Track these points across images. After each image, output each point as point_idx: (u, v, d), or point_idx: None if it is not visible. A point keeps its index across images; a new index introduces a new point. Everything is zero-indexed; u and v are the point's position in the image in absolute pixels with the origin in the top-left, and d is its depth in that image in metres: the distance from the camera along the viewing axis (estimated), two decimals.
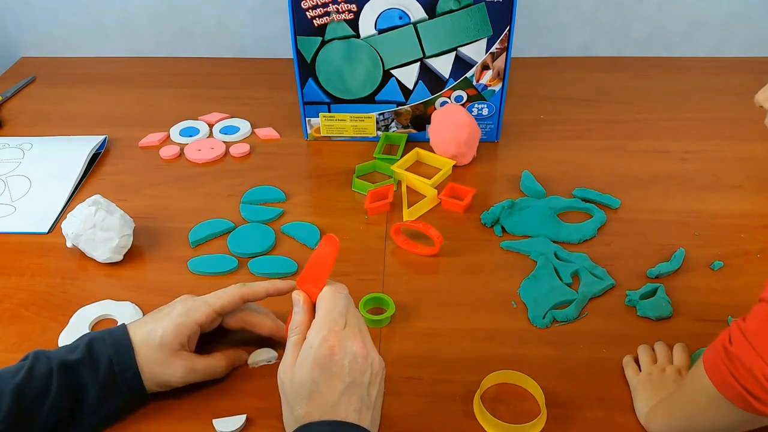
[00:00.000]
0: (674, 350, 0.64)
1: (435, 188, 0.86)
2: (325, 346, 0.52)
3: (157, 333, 0.59)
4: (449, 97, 0.93)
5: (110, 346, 0.58)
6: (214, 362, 0.62)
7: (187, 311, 0.60)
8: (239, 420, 0.59)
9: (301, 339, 0.54)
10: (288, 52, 0.92)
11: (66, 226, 0.76)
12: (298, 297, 0.57)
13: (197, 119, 1.06)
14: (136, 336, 0.59)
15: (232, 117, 1.06)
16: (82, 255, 0.78)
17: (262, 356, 0.65)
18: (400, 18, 0.86)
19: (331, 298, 0.55)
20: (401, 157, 0.92)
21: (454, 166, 0.91)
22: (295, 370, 0.53)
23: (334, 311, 0.54)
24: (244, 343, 0.66)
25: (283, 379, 0.53)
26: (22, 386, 0.54)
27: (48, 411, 0.54)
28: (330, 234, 0.59)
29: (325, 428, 0.50)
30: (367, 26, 0.87)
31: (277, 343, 0.66)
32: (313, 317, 0.55)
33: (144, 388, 0.58)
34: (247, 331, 0.66)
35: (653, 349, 0.65)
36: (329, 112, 0.96)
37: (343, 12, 0.86)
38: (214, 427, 0.59)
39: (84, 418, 0.56)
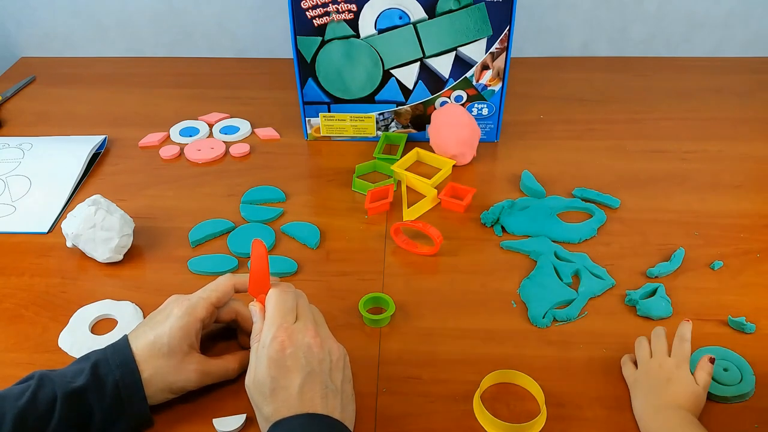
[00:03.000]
0: (674, 341, 0.62)
1: (435, 188, 0.86)
2: (275, 343, 0.54)
3: (163, 340, 0.57)
4: (449, 97, 0.93)
5: (116, 369, 0.56)
6: (226, 364, 0.62)
7: (187, 310, 0.59)
8: (239, 420, 0.59)
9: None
10: (288, 52, 0.92)
11: (66, 226, 0.76)
12: (254, 307, 0.59)
13: (197, 119, 1.06)
14: (141, 350, 0.57)
15: (232, 117, 1.06)
16: (82, 255, 0.78)
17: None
18: (400, 18, 0.86)
19: (276, 297, 0.57)
20: (401, 157, 0.92)
21: (454, 166, 0.91)
22: (255, 373, 0.54)
23: (281, 309, 0.56)
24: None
25: (248, 384, 0.55)
26: (25, 411, 0.52)
27: None
28: (255, 239, 0.60)
29: (295, 422, 0.51)
30: (367, 26, 0.87)
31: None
32: None
33: (149, 414, 0.57)
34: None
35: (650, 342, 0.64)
36: (329, 112, 0.96)
37: (343, 12, 0.86)
38: (214, 427, 0.59)
39: None
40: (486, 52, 0.89)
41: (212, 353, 0.63)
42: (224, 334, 0.67)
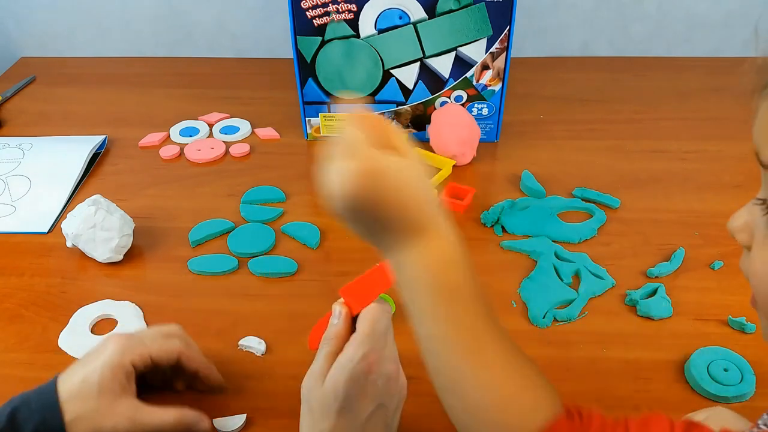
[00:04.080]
0: None
1: (435, 188, 0.86)
2: (364, 364, 0.49)
3: (93, 378, 0.53)
4: (449, 97, 0.93)
5: (36, 413, 0.52)
6: (163, 416, 0.56)
7: (122, 348, 0.56)
8: (239, 419, 0.59)
9: (335, 351, 0.52)
10: (288, 52, 0.92)
11: (66, 226, 0.76)
12: (340, 309, 0.54)
13: (197, 119, 1.06)
14: (69, 390, 0.53)
15: (232, 117, 1.06)
16: (82, 255, 0.78)
17: (251, 342, 0.66)
18: (400, 18, 0.86)
19: (378, 316, 0.53)
20: None
21: (454, 166, 0.91)
22: (327, 382, 0.50)
23: (377, 330, 0.52)
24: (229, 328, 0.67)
25: (311, 388, 0.51)
26: None
27: None
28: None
29: None
30: (367, 26, 0.87)
31: (265, 334, 0.67)
32: (350, 332, 0.53)
33: None
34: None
35: None
36: (329, 112, 0.96)
37: (343, 12, 0.86)
38: (214, 427, 0.59)
39: None
40: (486, 52, 0.89)
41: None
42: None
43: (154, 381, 0.61)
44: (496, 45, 0.88)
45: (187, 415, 0.57)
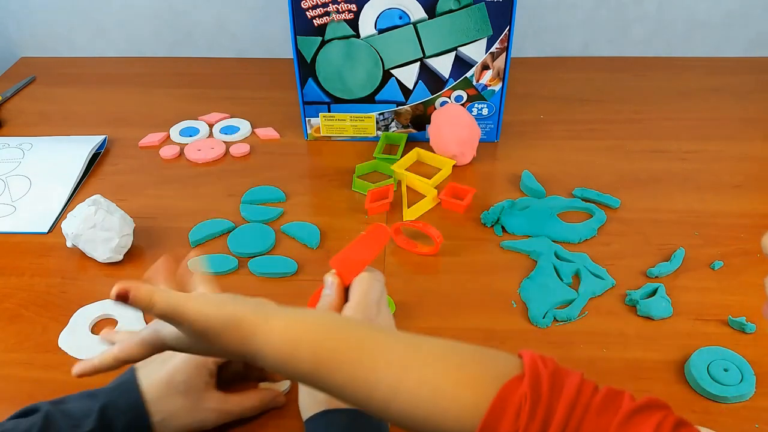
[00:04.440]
0: None
1: (435, 188, 0.86)
2: None
3: (178, 378, 0.54)
4: (449, 97, 0.93)
5: (122, 414, 0.52)
6: (246, 403, 0.58)
7: None
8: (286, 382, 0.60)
9: None
10: (288, 52, 0.92)
11: (66, 226, 0.76)
12: (332, 280, 0.54)
13: (197, 119, 1.06)
14: (153, 388, 0.54)
15: (232, 117, 1.06)
16: (82, 255, 0.78)
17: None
18: (400, 18, 0.86)
19: (369, 283, 0.53)
20: (401, 157, 0.92)
21: (454, 166, 0.91)
22: None
23: (370, 296, 0.52)
24: None
25: None
26: None
27: None
28: (380, 224, 0.57)
29: (345, 416, 0.50)
30: (367, 26, 0.87)
31: None
32: (343, 302, 0.53)
33: None
34: None
35: None
36: (329, 112, 0.96)
37: (343, 12, 0.86)
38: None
39: None
40: (486, 52, 0.89)
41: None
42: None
43: (227, 374, 0.59)
44: (496, 45, 0.88)
45: (266, 396, 0.59)
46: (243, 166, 0.95)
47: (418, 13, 0.86)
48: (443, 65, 0.90)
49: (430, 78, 0.91)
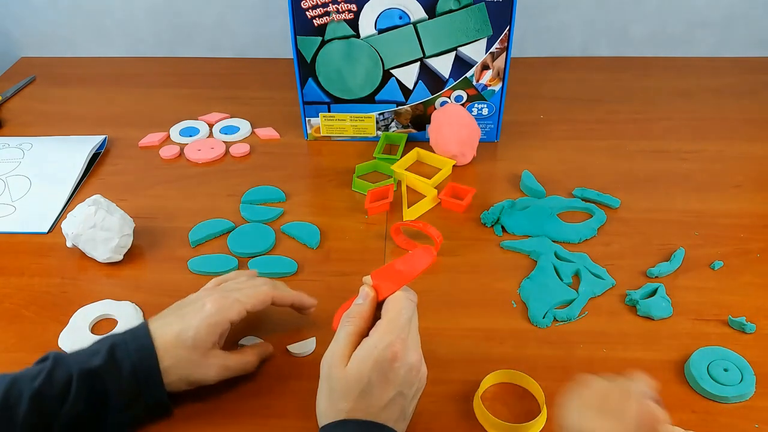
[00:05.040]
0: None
1: (435, 188, 0.86)
2: (389, 351, 0.51)
3: (189, 333, 0.57)
4: (449, 97, 0.93)
5: (133, 352, 0.55)
6: (246, 358, 0.61)
7: (220, 309, 0.59)
8: (311, 343, 0.66)
9: (357, 330, 0.53)
10: (288, 52, 0.92)
11: (66, 226, 0.76)
12: (368, 291, 0.56)
13: (197, 119, 1.06)
14: (163, 338, 0.57)
15: (232, 117, 1.06)
16: (82, 255, 0.78)
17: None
18: (400, 18, 0.86)
19: (404, 303, 0.54)
20: (401, 157, 0.92)
21: (454, 166, 0.91)
22: (351, 364, 0.52)
23: (403, 317, 0.54)
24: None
25: (332, 366, 0.52)
26: (40, 391, 0.52)
27: (66, 418, 0.53)
28: (428, 246, 0.58)
29: (363, 428, 0.51)
30: (367, 26, 0.87)
31: (265, 334, 0.68)
32: (373, 315, 0.55)
33: (167, 401, 0.57)
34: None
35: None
36: (329, 112, 0.96)
37: (343, 12, 0.86)
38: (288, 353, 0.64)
39: (104, 425, 0.55)
40: (486, 52, 0.89)
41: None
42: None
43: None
44: (496, 45, 0.88)
45: (260, 350, 0.63)
46: (243, 166, 0.95)
47: (418, 13, 0.86)
48: (443, 65, 0.90)
49: (430, 78, 0.91)
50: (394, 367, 0.51)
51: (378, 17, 0.87)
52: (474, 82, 0.92)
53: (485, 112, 0.95)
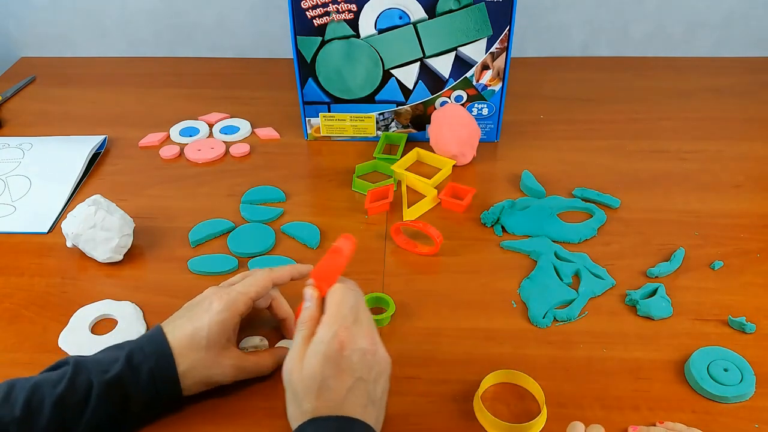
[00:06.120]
0: None
1: (435, 188, 0.86)
2: (335, 342, 0.52)
3: (202, 333, 0.58)
4: (449, 97, 0.93)
5: (150, 357, 0.56)
6: (261, 360, 0.62)
7: (227, 305, 0.59)
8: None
9: (310, 334, 0.54)
10: (288, 52, 0.92)
11: (66, 226, 0.76)
12: (312, 292, 0.57)
13: (197, 119, 1.06)
14: (178, 341, 0.58)
15: (232, 117, 1.06)
16: (82, 255, 0.78)
17: (254, 342, 0.66)
18: (400, 18, 0.86)
19: (342, 294, 0.55)
20: (401, 157, 0.92)
21: (454, 166, 0.91)
22: (304, 364, 0.52)
23: (344, 307, 0.54)
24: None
25: (291, 372, 0.53)
26: (63, 398, 0.53)
27: (88, 423, 0.54)
28: (348, 234, 0.59)
29: (332, 424, 0.51)
30: (367, 26, 0.87)
31: (266, 334, 0.67)
32: (323, 313, 0.55)
33: (182, 398, 0.58)
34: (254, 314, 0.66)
35: None
36: (329, 112, 0.96)
37: (343, 12, 0.86)
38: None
39: (122, 429, 0.56)
40: (486, 52, 0.89)
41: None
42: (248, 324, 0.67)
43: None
44: (496, 45, 0.88)
45: (281, 355, 0.60)
46: (243, 166, 0.95)
47: (418, 13, 0.86)
48: (443, 65, 0.90)
49: (430, 78, 0.91)
50: (345, 356, 0.52)
51: (378, 17, 0.87)
52: (474, 82, 0.92)
53: (485, 112, 0.95)
